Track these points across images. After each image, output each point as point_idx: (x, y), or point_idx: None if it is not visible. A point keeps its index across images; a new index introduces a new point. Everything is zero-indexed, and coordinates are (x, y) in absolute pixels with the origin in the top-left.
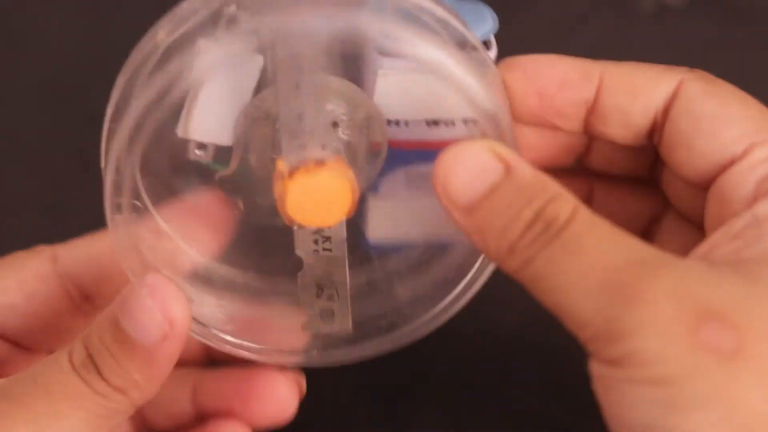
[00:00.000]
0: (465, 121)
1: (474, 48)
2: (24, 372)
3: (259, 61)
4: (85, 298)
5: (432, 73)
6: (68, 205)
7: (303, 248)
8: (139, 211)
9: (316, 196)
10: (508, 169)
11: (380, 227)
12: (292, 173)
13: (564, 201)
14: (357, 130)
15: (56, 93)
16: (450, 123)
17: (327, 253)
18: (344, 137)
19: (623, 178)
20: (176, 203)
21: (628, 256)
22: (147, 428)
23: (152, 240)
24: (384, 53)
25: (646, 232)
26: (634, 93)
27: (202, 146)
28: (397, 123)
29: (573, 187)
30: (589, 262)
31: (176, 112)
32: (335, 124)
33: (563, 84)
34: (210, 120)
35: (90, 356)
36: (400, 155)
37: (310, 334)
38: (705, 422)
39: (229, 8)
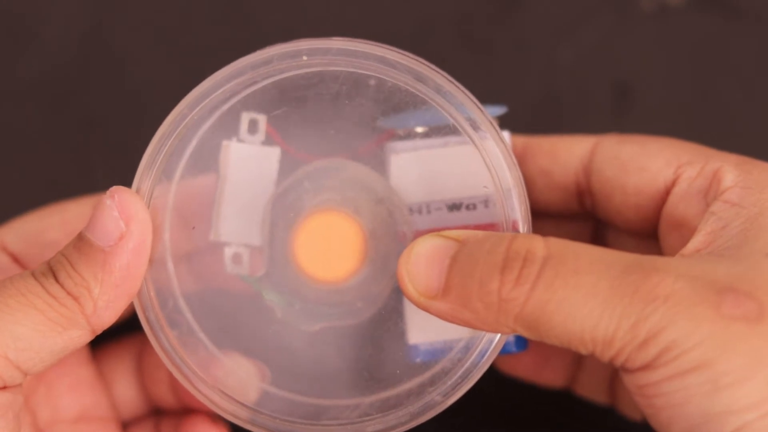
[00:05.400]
0: (486, 203)
1: (489, 123)
2: None
3: (276, 153)
4: None
5: (456, 145)
6: None
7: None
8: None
9: (324, 240)
10: (460, 241)
11: (419, 330)
12: (298, 223)
13: (526, 237)
14: (381, 222)
15: (56, 93)
16: (472, 206)
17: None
18: (368, 227)
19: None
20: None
21: (623, 264)
22: None
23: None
24: (385, 126)
25: None
26: (554, 155)
27: (236, 258)
28: (420, 211)
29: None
30: (591, 280)
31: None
32: (356, 211)
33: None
34: (237, 220)
35: (50, 266)
36: None
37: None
38: (754, 390)
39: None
